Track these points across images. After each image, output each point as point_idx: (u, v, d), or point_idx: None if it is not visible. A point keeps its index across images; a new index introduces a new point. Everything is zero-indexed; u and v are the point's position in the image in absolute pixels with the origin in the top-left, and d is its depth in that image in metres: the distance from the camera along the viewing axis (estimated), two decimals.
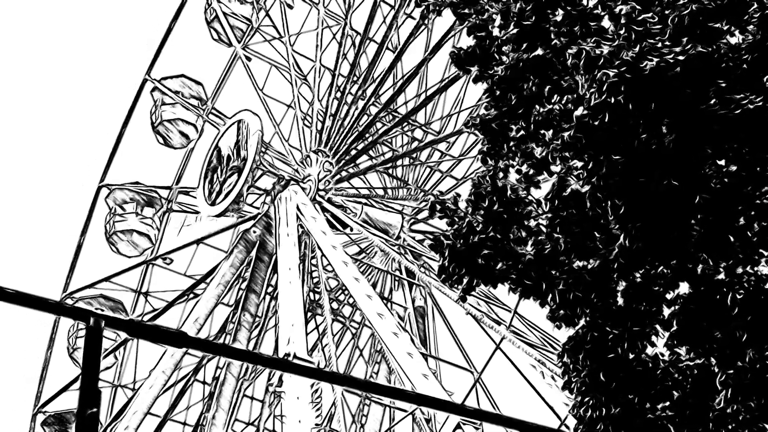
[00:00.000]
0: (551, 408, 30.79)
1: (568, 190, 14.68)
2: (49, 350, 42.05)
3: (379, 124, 40.79)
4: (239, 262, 38.27)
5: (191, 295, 40.07)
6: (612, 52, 11.80)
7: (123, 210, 42.54)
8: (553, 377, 30.45)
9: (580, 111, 12.74)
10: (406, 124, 41.58)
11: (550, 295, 15.22)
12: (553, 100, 14.67)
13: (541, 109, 14.80)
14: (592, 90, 12.20)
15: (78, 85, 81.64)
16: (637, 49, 11.72)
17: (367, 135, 40.17)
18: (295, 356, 29.10)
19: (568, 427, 26.63)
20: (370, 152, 41.34)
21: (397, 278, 39.77)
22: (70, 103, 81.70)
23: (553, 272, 15.41)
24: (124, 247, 42.52)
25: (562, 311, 15.32)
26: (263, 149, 38.63)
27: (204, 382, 39.37)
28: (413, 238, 39.14)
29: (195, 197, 41.05)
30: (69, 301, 41.98)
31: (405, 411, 33.65)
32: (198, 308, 37.37)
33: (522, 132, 15.23)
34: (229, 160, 38.95)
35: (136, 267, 42.38)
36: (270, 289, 38.56)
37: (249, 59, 42.95)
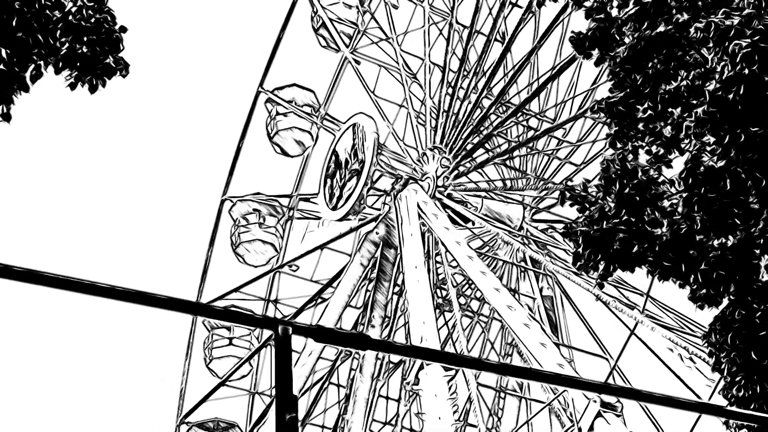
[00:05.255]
0: (692, 391, 30.14)
1: (703, 167, 14.37)
2: (187, 361, 43.16)
3: (493, 117, 40.58)
4: (364, 264, 38.62)
5: (319, 300, 40.59)
6: (742, 23, 11.50)
7: (247, 221, 43.35)
8: (692, 359, 29.81)
9: (711, 85, 12.45)
10: (520, 113, 41.27)
11: (692, 276, 14.92)
12: (679, 77, 14.38)
13: (668, 87, 14.52)
14: (723, 63, 11.92)
15: (196, 101, 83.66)
16: None
17: (481, 128, 40.02)
18: None
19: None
20: (486, 145, 41.16)
21: (522, 269, 39.51)
22: (190, 120, 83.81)
23: (692, 252, 15.10)
24: (250, 257, 43.31)
25: (704, 291, 15.01)
26: (379, 150, 38.87)
27: (339, 385, 39.86)
28: (536, 227, 38.82)
29: (316, 203, 41.57)
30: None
31: (542, 402, 33.42)
32: (327, 312, 37.85)
33: (649, 112, 14.97)
34: (347, 164, 39.32)
35: (263, 276, 43.14)
36: (396, 289, 38.79)
37: (358, 63, 43.27)
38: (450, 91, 40.78)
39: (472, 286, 38.04)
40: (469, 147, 39.57)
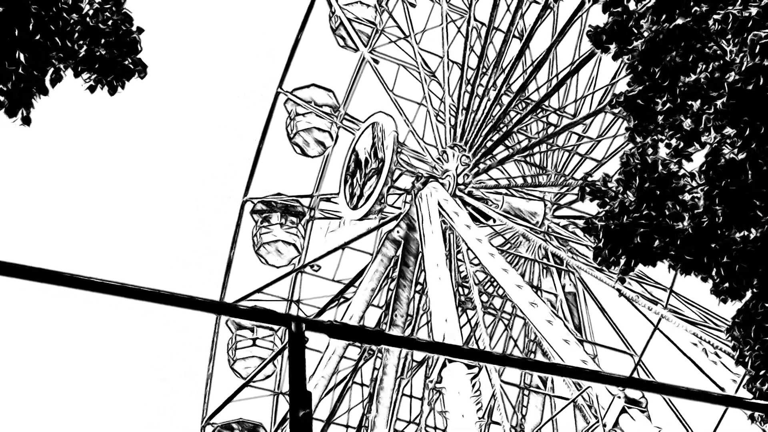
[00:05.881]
0: (717, 385, 29.97)
1: (723, 159, 14.28)
2: (211, 362, 43.31)
3: (512, 113, 40.49)
4: (386, 263, 38.62)
5: (341, 300, 40.61)
6: (761, 13, 11.41)
7: (268, 222, 43.43)
8: (716, 354, 29.64)
9: (730, 77, 12.37)
10: (540, 110, 41.15)
11: (714, 269, 14.84)
12: (698, 69, 14.30)
13: (687, 80, 14.44)
14: (743, 54, 11.84)
15: (216, 103, 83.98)
16: None
17: (501, 125, 39.94)
18: None
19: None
20: (506, 142, 41.08)
21: (545, 266, 39.39)
22: (210, 121, 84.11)
23: (714, 245, 15.02)
24: (272, 258, 43.40)
25: (726, 284, 14.92)
26: (399, 149, 38.86)
27: (362, 384, 39.88)
28: (557, 224, 38.70)
29: (337, 203, 41.60)
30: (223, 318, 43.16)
31: (566, 399, 33.31)
32: (350, 312, 37.89)
33: (669, 105, 14.90)
34: (367, 163, 39.34)
35: (285, 276, 43.21)
36: (418, 287, 38.78)
37: (377, 62, 43.28)
38: (469, 88, 40.71)
39: (494, 283, 37.99)
40: (489, 144, 39.49)
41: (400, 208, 39.30)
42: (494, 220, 38.25)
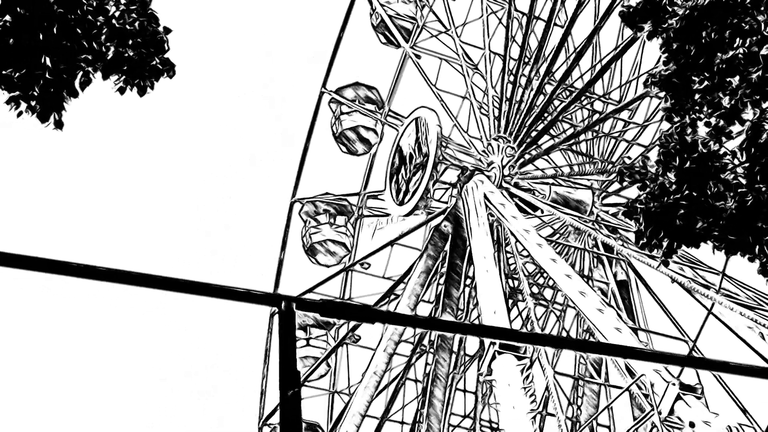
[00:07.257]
0: None
1: (765, 135, 14.02)
2: (265, 366, 43.57)
3: (556, 102, 40.15)
4: (434, 258, 38.54)
5: (392, 297, 40.62)
6: None
7: (317, 221, 43.61)
8: None
9: (765, 50, 12.13)
10: (584, 97, 40.76)
11: (758, 248, 14.57)
12: (735, 45, 14.05)
13: (724, 56, 14.20)
14: None
15: (263, 104, 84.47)
16: None
17: (545, 114, 39.63)
18: (500, 344, 29.02)
19: None
20: (551, 131, 40.75)
21: (594, 255, 39.02)
22: (256, 123, 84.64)
23: (759, 224, 14.75)
24: (322, 257, 43.57)
25: None
26: (444, 143, 38.75)
27: (416, 380, 39.85)
28: (606, 212, 38.31)
29: (383, 200, 41.61)
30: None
31: (620, 388, 32.95)
32: (400, 308, 37.86)
33: (706, 83, 14.65)
34: (412, 159, 39.30)
35: (336, 275, 43.33)
36: (468, 281, 38.64)
37: (419, 57, 43.23)
38: (512, 79, 40.48)
39: (544, 274, 37.72)
40: (533, 134, 39.22)
41: (446, 203, 39.19)
42: (542, 211, 37.97)
